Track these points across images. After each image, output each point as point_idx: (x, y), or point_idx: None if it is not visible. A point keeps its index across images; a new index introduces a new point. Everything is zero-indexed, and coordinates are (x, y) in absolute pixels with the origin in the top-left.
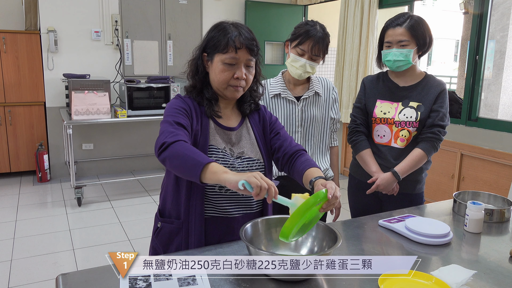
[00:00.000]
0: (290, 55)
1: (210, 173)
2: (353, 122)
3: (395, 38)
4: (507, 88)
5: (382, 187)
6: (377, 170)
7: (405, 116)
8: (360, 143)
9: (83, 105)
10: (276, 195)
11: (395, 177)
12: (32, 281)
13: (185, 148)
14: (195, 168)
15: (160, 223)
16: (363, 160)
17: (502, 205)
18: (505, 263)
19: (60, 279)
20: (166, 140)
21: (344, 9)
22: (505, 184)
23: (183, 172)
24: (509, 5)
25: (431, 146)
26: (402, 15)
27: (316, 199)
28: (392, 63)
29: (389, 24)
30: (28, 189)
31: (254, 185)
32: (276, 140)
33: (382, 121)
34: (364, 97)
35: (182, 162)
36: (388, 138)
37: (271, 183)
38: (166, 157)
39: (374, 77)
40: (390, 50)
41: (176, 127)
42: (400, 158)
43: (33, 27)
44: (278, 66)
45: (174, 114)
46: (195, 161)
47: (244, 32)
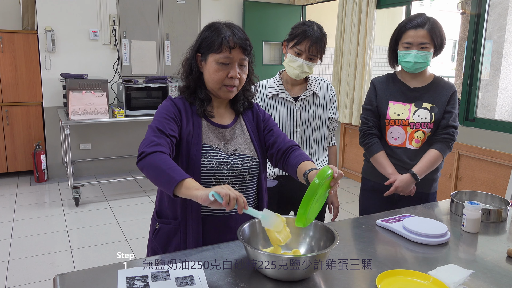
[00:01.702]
0: (287, 55)
1: (184, 189)
2: (364, 125)
3: (417, 40)
4: (504, 88)
5: (400, 188)
6: (393, 172)
7: (420, 117)
8: (374, 145)
9: (80, 105)
10: (246, 205)
11: (413, 178)
12: (29, 282)
13: (161, 160)
14: (169, 184)
15: (157, 224)
16: (378, 162)
17: (499, 205)
18: (502, 262)
19: (58, 279)
20: (145, 150)
21: (342, 9)
22: (502, 184)
23: (157, 183)
24: (506, 5)
25: (446, 147)
26: (419, 15)
27: (323, 175)
28: (412, 64)
29: (408, 25)
30: (26, 189)
31: (222, 195)
32: (270, 137)
33: (397, 123)
34: (375, 98)
35: (158, 175)
36: (402, 139)
37: (239, 195)
38: (143, 166)
39: (384, 78)
40: (410, 52)
41: (159, 135)
42: (415, 159)
43: (30, 26)
44: (276, 66)
45: (160, 119)
46: (170, 177)
47: (238, 32)
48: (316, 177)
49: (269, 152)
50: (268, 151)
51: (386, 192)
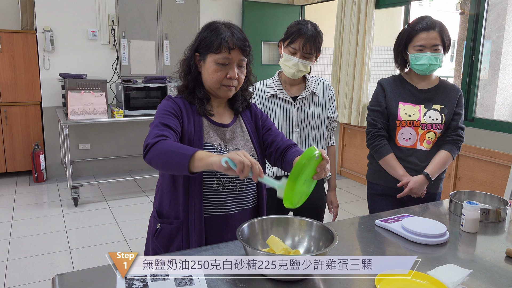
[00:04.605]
0: (283, 54)
1: (197, 161)
2: (373, 126)
3: (430, 42)
4: (503, 88)
5: (414, 190)
6: (405, 173)
7: (431, 118)
8: (384, 147)
9: (79, 105)
10: (262, 173)
11: (427, 179)
12: (28, 282)
13: (167, 145)
14: (182, 162)
15: (159, 224)
16: (389, 164)
17: (498, 204)
18: (501, 262)
19: (57, 280)
20: (149, 142)
21: (341, 9)
22: (501, 184)
23: (170, 168)
24: (505, 5)
25: (456, 148)
26: (426, 17)
27: (309, 154)
28: (428, 67)
29: (418, 27)
30: (24, 189)
31: (236, 162)
32: (268, 136)
33: (408, 124)
34: (384, 100)
35: (168, 159)
36: (413, 140)
37: (254, 162)
38: (151, 158)
39: (391, 80)
40: (423, 54)
41: (162, 128)
42: (426, 160)
43: (29, 26)
44: (275, 66)
45: (162, 115)
46: (180, 155)
47: (237, 33)
48: (301, 157)
49: (267, 151)
50: (267, 150)
51: (400, 194)
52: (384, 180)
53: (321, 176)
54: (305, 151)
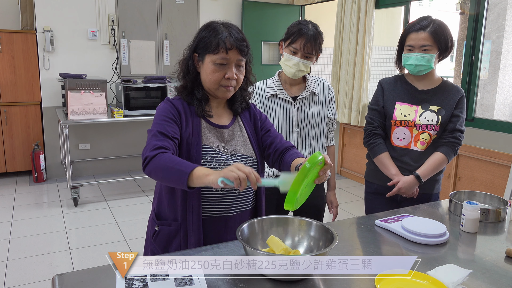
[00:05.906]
0: (283, 54)
1: (195, 179)
2: (370, 125)
3: (418, 43)
4: (503, 88)
5: (403, 190)
6: (397, 173)
7: (426, 119)
8: (379, 146)
9: (79, 105)
10: (259, 179)
11: (417, 180)
12: (28, 282)
13: (166, 159)
14: (181, 179)
15: (157, 226)
16: (382, 163)
17: (498, 204)
18: (500, 262)
19: (56, 280)
20: (148, 155)
21: (341, 9)
22: (500, 184)
23: (169, 183)
24: (505, 5)
25: (452, 150)
26: (424, 18)
27: (314, 160)
28: (414, 67)
29: (411, 28)
30: (24, 189)
31: (232, 179)
32: (267, 137)
33: (403, 124)
34: (382, 99)
35: (167, 175)
36: (407, 141)
37: (249, 170)
38: (150, 171)
39: (392, 80)
40: (411, 54)
41: (161, 138)
42: (420, 161)
43: (29, 26)
44: (275, 66)
45: (160, 122)
46: (179, 172)
47: (234, 33)
48: (307, 161)
49: (266, 152)
50: (266, 151)
51: (389, 193)
52: (379, 179)
53: (322, 180)
54: (311, 157)
